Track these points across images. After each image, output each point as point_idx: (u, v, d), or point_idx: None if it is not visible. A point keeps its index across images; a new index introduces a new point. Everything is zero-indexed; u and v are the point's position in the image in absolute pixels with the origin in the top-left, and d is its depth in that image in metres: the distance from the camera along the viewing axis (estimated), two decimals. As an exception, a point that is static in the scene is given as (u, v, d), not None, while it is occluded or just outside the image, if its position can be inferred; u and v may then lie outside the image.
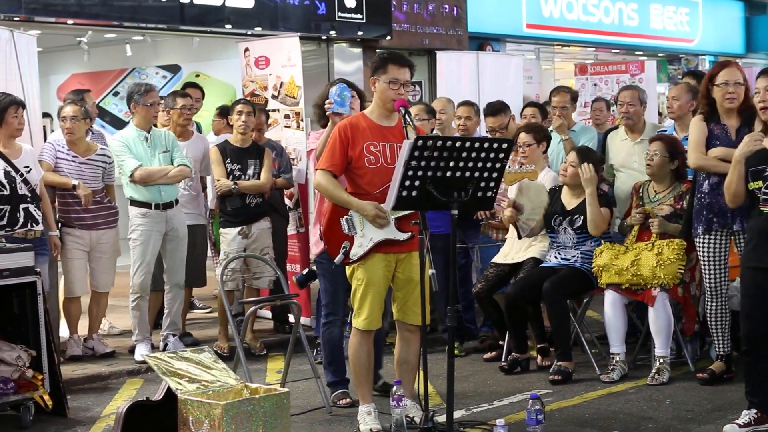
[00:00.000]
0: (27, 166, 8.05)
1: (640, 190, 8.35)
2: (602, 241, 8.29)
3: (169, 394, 6.14)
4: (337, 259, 6.65)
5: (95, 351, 9.08)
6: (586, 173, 8.20)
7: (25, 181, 7.97)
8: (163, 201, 8.91)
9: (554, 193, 8.59)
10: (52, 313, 8.13)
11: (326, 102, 7.69)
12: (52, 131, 10.69)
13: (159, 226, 8.91)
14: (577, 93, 10.78)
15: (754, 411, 6.53)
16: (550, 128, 9.66)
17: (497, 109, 9.67)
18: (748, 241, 6.60)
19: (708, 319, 7.83)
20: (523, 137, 8.78)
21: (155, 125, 9.28)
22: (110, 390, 8.32)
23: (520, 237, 8.62)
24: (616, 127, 9.57)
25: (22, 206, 7.95)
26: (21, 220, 7.95)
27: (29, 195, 8.00)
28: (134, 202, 8.89)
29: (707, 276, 7.69)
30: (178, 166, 8.94)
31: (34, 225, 8.04)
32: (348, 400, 7.46)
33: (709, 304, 7.76)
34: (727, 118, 7.48)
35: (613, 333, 8.14)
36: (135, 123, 8.96)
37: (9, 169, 7.90)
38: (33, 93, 8.92)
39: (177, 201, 9.08)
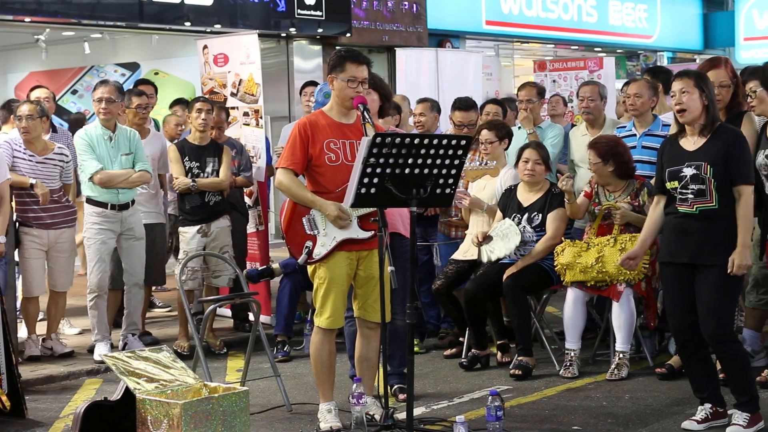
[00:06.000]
0: None
1: (596, 187, 8.37)
2: (562, 239, 8.31)
3: (128, 393, 6.11)
4: (300, 259, 6.62)
5: (54, 351, 9.02)
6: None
7: None
8: (120, 202, 8.85)
9: (510, 191, 8.61)
10: (9, 314, 8.06)
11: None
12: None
13: (113, 226, 8.84)
14: (544, 88, 10.80)
15: (709, 406, 6.58)
16: (517, 125, 9.68)
17: (469, 104, 9.61)
18: (662, 237, 6.70)
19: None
20: (485, 134, 8.79)
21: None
22: (69, 390, 8.26)
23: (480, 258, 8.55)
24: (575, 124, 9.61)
25: None
26: None
27: None
28: (90, 201, 8.84)
29: None
30: (139, 171, 8.89)
31: None
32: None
33: None
34: None
35: (571, 329, 8.17)
36: (99, 122, 8.90)
37: None
38: (-10, 91, 8.86)
39: (133, 202, 9.02)
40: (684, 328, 6.59)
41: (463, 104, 9.59)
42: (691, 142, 6.52)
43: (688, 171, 6.42)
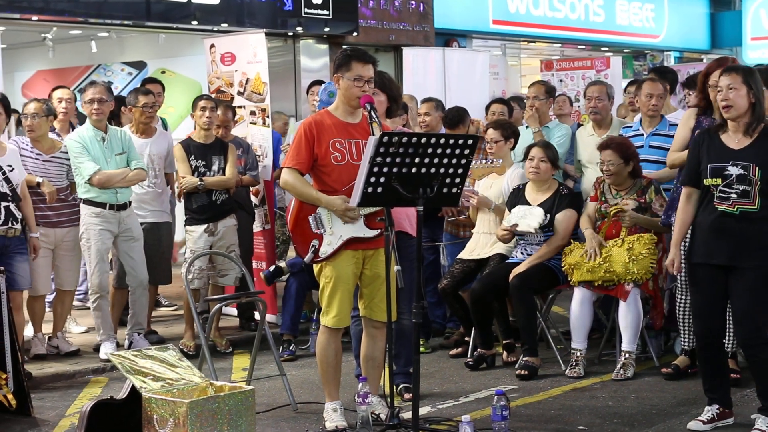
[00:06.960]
0: (10, 165, 8.02)
1: (602, 187, 8.36)
2: (570, 240, 8.30)
3: (134, 392, 6.12)
4: (307, 257, 6.60)
5: (60, 349, 9.03)
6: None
7: (7, 180, 7.94)
8: (118, 202, 8.83)
9: (518, 191, 8.59)
10: (16, 312, 8.05)
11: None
12: (18, 128, 10.62)
13: (111, 227, 8.81)
14: (554, 87, 10.80)
15: (716, 406, 6.58)
16: (524, 124, 9.67)
17: (455, 121, 9.63)
18: (695, 236, 6.56)
19: (677, 312, 7.84)
20: (491, 134, 8.78)
21: (113, 123, 9.19)
22: (75, 389, 8.27)
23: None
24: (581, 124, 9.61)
25: (3, 204, 7.93)
26: (2, 217, 7.94)
27: (10, 194, 7.97)
28: (88, 202, 8.82)
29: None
30: (134, 169, 8.88)
31: (14, 223, 8.03)
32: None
33: (680, 297, 7.74)
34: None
35: (577, 329, 8.16)
36: (91, 122, 8.88)
37: None
38: (-4, 90, 8.86)
39: (130, 203, 9.00)
40: (710, 330, 6.52)
41: (451, 121, 9.61)
42: (734, 140, 6.40)
43: (734, 170, 6.31)
